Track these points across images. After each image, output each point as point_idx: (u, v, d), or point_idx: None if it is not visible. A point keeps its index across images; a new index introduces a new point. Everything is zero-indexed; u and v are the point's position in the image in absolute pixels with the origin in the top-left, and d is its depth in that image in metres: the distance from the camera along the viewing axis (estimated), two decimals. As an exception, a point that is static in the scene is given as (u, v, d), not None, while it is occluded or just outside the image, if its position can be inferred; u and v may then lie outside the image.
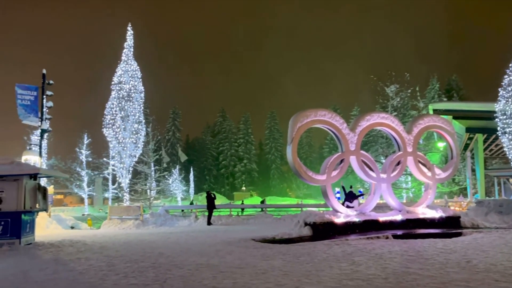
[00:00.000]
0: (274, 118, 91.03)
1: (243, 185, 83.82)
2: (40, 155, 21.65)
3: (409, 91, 30.71)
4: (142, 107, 29.52)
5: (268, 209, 24.58)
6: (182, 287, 6.05)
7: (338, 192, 27.47)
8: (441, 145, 29.98)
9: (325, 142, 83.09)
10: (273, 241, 11.65)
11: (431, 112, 30.93)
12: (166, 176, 44.05)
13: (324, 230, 12.48)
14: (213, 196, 20.51)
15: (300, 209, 23.70)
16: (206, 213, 20.67)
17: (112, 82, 28.51)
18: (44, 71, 20.49)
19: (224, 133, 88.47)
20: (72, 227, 20.83)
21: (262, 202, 37.48)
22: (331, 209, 13.80)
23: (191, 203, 45.13)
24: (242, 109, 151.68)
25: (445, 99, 50.76)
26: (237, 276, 6.76)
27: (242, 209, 28.56)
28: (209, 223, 19.66)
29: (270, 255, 8.91)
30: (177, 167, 52.01)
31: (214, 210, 20.67)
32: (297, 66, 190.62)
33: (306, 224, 12.74)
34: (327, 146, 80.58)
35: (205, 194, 22.54)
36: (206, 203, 20.54)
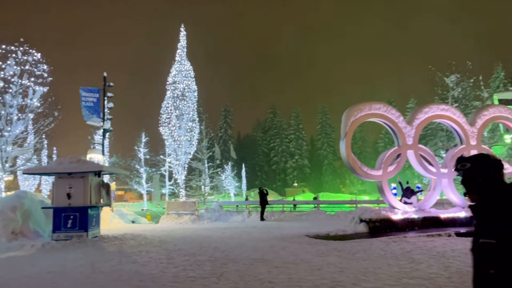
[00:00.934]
0: (326, 113, 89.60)
1: (295, 181, 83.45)
2: (103, 153, 22.98)
3: (471, 80, 28.87)
4: (196, 106, 30.31)
5: (321, 205, 24.28)
6: (238, 281, 6.15)
7: (394, 188, 26.53)
8: (508, 137, 27.92)
9: (379, 137, 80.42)
10: (327, 237, 11.49)
11: (496, 102, 28.88)
12: (219, 173, 44.95)
13: (381, 227, 12.11)
14: (265, 192, 20.64)
15: (354, 205, 23.18)
16: (259, 209, 20.85)
17: (167, 82, 29.55)
18: (105, 74, 21.66)
19: (275, 129, 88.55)
20: (133, 222, 21.90)
21: (315, 198, 37.10)
22: (387, 205, 13.36)
23: (246, 199, 45.75)
24: (293, 105, 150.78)
25: (511, 88, 47.12)
26: (292, 271, 6.76)
27: (295, 205, 28.48)
28: (262, 218, 19.82)
29: (325, 252, 8.81)
30: (230, 163, 52.91)
31: (267, 206, 20.80)
32: (348, 58, 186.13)
33: (361, 220, 12.44)
34: (382, 140, 77.90)
35: (257, 190, 22.73)
36: (258, 199, 20.73)
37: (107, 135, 24.44)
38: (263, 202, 20.31)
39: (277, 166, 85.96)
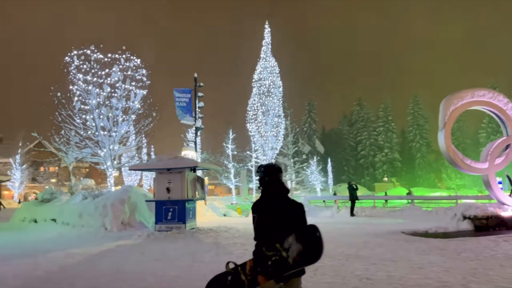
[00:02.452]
0: (418, 103, 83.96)
1: (385, 175, 79.75)
2: (196, 150, 24.30)
3: None
4: (281, 101, 30.56)
5: (416, 201, 22.86)
6: (334, 276, 6.07)
7: (499, 183, 23.98)
8: None
9: (481, 126, 73.00)
10: (426, 235, 10.80)
11: None
12: (305, 168, 44.80)
13: (488, 225, 11.04)
14: (354, 187, 20.05)
15: (455, 201, 21.43)
16: (348, 204, 20.33)
17: (253, 79, 30.24)
18: (196, 75, 22.85)
19: (362, 122, 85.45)
20: (224, 215, 22.82)
21: (409, 193, 35.10)
22: (495, 201, 12.12)
23: (335, 194, 45.08)
24: (381, 96, 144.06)
25: None
26: (391, 269, 6.47)
27: (386, 201, 27.25)
28: (352, 214, 19.31)
29: (425, 250, 8.29)
30: (315, 158, 52.45)
31: (357, 201, 20.20)
32: (440, 43, 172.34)
33: (465, 217, 11.46)
34: (484, 130, 70.65)
35: (344, 185, 22.17)
36: (347, 194, 20.21)
37: (198, 132, 25.78)
38: (353, 197, 19.77)
39: (365, 160, 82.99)
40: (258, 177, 3.47)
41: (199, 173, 24.77)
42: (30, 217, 16.35)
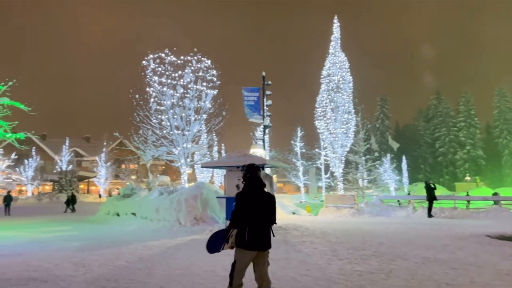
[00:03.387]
0: (504, 95, 76.66)
1: (467, 174, 73.93)
2: (264, 148, 24.51)
3: None
4: (351, 97, 29.70)
5: (503, 202, 20.87)
6: (410, 280, 5.74)
7: None
8: None
9: None
10: (515, 239, 9.82)
11: None
12: (377, 166, 43.08)
13: None
14: (432, 186, 18.84)
15: (549, 203, 19.22)
16: (425, 205, 19.16)
17: (321, 76, 29.75)
18: (264, 73, 23.02)
19: (440, 117, 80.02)
20: (293, 213, 22.77)
21: (495, 194, 32.19)
22: None
23: (409, 193, 42.89)
24: (462, 88, 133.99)
25: None
26: (474, 274, 5.97)
27: (468, 201, 25.24)
28: (429, 215, 18.16)
29: (514, 255, 7.53)
30: (388, 156, 50.23)
31: (435, 201, 18.96)
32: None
33: None
34: None
35: (421, 184, 20.92)
36: (425, 194, 19.05)
37: (267, 130, 25.99)
38: (431, 197, 18.59)
39: (444, 158, 77.69)
40: (242, 174, 4.55)
41: (267, 170, 24.97)
42: (113, 211, 17.70)
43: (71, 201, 27.89)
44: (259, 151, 25.64)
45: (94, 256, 8.11)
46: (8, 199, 25.32)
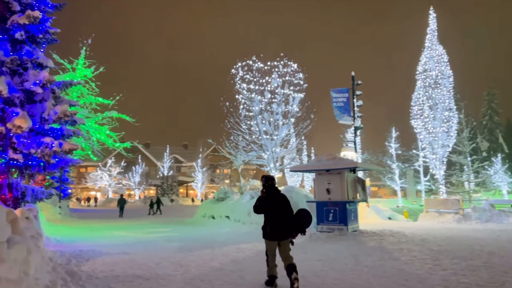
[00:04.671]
0: None
1: None
2: (355, 150, 23.68)
3: None
4: (452, 93, 27.28)
5: None
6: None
7: None
8: None
9: None
10: None
11: None
12: (486, 167, 38.89)
13: None
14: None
15: None
16: (548, 210, 16.70)
17: (417, 71, 27.85)
18: (353, 73, 22.30)
19: None
20: (389, 218, 21.55)
21: None
22: None
23: (523, 198, 37.97)
24: None
25: None
26: None
27: None
28: (553, 222, 15.78)
29: None
30: (499, 156, 45.05)
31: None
32: None
33: None
34: None
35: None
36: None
37: (358, 132, 25.08)
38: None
39: None
40: (262, 184, 6.06)
41: (360, 174, 24.06)
42: (209, 214, 18.58)
43: (156, 204, 29.75)
44: (350, 154, 24.87)
45: (191, 257, 8.53)
46: (122, 202, 27.78)
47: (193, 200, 56.65)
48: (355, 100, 22.63)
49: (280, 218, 5.73)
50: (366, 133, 42.26)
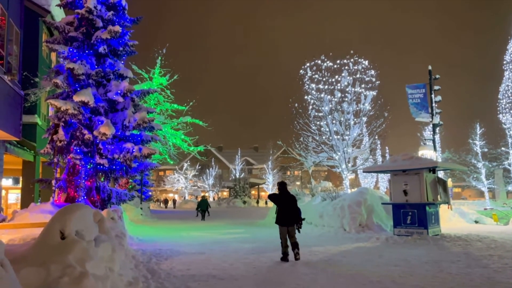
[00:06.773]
0: None
1: None
2: (435, 149, 22.20)
3: None
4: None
5: None
6: None
7: None
8: None
9: None
10: None
11: None
12: None
13: None
14: None
15: None
16: None
17: (504, 62, 25.43)
18: (430, 67, 20.96)
19: None
20: (476, 221, 19.87)
21: None
22: None
23: None
24: None
25: None
26: None
27: None
28: None
29: None
30: None
31: None
32: None
33: None
34: None
35: None
36: None
37: (437, 129, 23.51)
38: None
39: None
40: (278, 188, 8.90)
41: (440, 174, 22.52)
42: (280, 216, 18.57)
43: (202, 206, 24.59)
44: (429, 153, 23.39)
45: (263, 258, 8.58)
46: (202, 204, 24.65)
47: (266, 203, 57.25)
48: (432, 95, 21.26)
49: (288, 211, 8.49)
50: (447, 131, 39.37)
